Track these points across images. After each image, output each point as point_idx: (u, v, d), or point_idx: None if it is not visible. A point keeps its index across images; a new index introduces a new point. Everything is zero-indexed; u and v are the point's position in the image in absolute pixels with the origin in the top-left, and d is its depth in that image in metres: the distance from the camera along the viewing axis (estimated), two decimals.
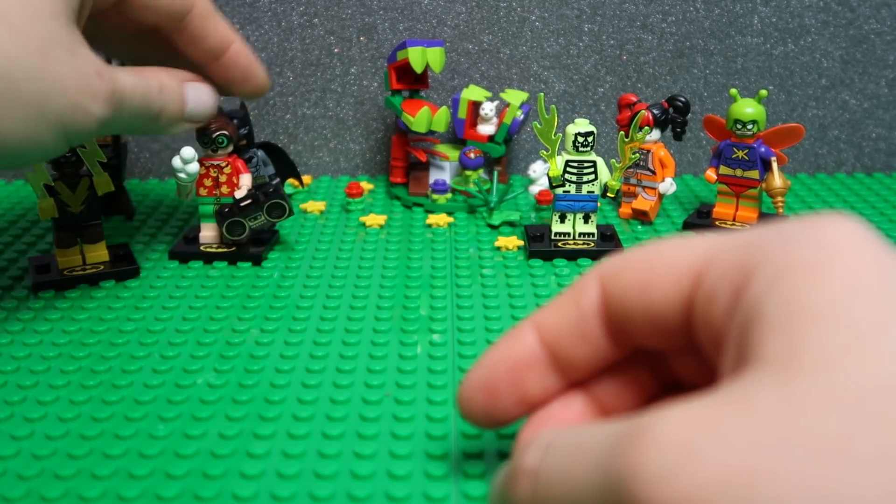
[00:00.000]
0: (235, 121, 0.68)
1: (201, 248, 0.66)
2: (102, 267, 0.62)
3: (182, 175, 0.63)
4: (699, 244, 0.31)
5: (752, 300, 0.27)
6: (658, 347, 0.34)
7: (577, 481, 0.27)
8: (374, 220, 0.73)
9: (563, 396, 0.36)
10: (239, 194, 0.64)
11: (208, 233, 0.66)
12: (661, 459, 0.23)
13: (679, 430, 0.24)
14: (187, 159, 0.62)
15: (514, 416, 0.36)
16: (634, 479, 0.24)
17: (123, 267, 0.62)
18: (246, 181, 0.65)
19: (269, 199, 0.64)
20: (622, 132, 0.68)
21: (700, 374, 0.33)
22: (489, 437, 0.43)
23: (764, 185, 0.68)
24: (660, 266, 0.31)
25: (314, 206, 0.77)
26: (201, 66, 0.57)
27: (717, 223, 0.70)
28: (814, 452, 0.22)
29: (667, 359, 0.35)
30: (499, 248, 0.68)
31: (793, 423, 0.23)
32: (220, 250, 0.65)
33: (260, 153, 0.72)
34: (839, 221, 0.28)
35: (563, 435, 0.29)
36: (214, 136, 0.63)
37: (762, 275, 0.27)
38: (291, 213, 0.64)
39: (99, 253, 0.62)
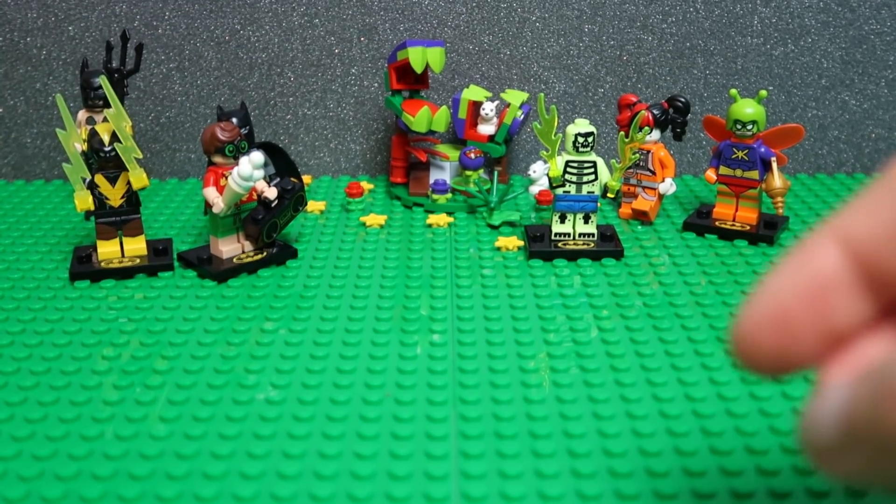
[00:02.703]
0: (235, 120, 0.69)
1: (235, 261, 0.63)
2: (139, 260, 0.63)
3: (248, 184, 0.60)
4: None
5: None
6: None
7: None
8: (374, 220, 0.73)
9: (877, 329, 0.27)
10: (271, 195, 0.63)
11: (230, 245, 0.64)
12: None
13: None
14: (258, 164, 0.59)
15: (812, 358, 0.27)
16: None
17: (157, 262, 0.63)
18: (271, 183, 0.64)
19: (294, 194, 0.64)
20: (622, 132, 0.68)
21: None
22: (489, 438, 0.43)
23: (764, 185, 0.68)
24: None
25: (314, 206, 0.77)
26: None
27: (716, 223, 0.70)
28: None
29: None
30: (499, 249, 0.68)
31: None
32: (256, 258, 0.64)
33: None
34: None
35: None
36: (237, 142, 0.61)
37: None
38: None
39: (137, 246, 0.64)
